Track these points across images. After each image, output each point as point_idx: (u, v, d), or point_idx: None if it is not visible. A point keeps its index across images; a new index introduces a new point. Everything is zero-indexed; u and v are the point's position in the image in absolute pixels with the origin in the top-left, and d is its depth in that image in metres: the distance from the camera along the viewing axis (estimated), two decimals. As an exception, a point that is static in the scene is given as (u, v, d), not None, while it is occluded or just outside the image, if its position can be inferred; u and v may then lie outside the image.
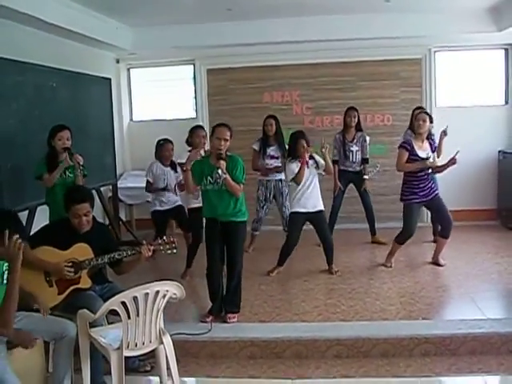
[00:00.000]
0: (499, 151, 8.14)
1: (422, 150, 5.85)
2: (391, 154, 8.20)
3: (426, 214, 8.23)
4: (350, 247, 7.07)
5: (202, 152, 5.54)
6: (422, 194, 5.83)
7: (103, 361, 3.76)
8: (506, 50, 8.30)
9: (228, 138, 4.64)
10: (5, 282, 3.48)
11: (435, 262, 6.11)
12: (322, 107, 8.42)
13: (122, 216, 8.39)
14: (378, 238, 7.25)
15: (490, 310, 4.70)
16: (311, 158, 5.85)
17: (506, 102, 8.35)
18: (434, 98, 8.29)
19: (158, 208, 6.50)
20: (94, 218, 4.11)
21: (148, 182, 6.54)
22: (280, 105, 8.51)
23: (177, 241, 4.12)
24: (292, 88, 8.48)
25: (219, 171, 4.55)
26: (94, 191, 6.86)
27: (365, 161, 7.09)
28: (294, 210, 5.93)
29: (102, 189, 7.40)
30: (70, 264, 3.87)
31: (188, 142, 6.04)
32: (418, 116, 5.95)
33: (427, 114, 6.09)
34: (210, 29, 7.68)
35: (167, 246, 4.07)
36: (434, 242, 7.02)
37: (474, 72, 8.31)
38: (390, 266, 6.10)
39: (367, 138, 7.08)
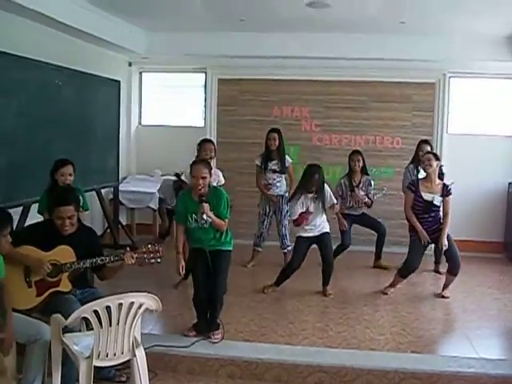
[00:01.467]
0: (510, 183, 7.94)
1: (430, 191, 5.70)
2: (399, 177, 8.06)
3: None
4: (349, 270, 6.89)
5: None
6: (427, 231, 5.69)
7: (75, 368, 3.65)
8: (522, 80, 8.13)
9: (206, 175, 4.47)
10: None
11: (440, 295, 5.92)
12: (332, 125, 8.29)
13: (123, 219, 8.32)
14: (381, 262, 7.08)
15: (484, 349, 4.49)
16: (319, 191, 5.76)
17: (519, 134, 8.18)
18: (446, 123, 8.12)
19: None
20: (79, 220, 4.03)
21: None
22: (289, 120, 8.39)
23: (162, 250, 4.01)
24: (302, 104, 8.36)
25: (204, 216, 4.46)
26: (93, 192, 6.84)
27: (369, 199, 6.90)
28: (298, 234, 5.86)
29: (102, 191, 7.33)
30: (51, 266, 3.78)
31: (198, 155, 5.97)
32: (423, 158, 5.85)
33: (433, 153, 5.97)
34: (223, 38, 7.65)
35: (151, 255, 3.94)
36: (435, 271, 6.86)
37: (488, 100, 8.13)
38: (387, 294, 5.94)
39: (372, 183, 6.92)
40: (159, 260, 4.01)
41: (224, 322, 4.86)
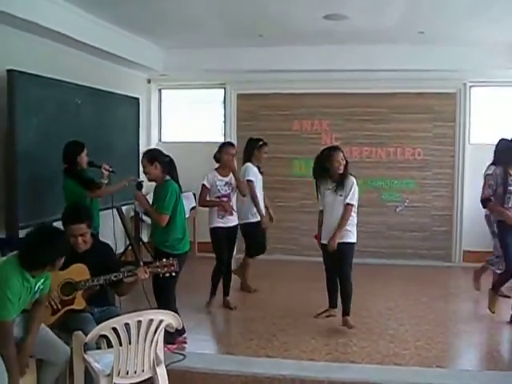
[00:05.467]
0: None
1: None
2: (421, 189, 8.00)
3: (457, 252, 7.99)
4: (370, 284, 6.78)
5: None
6: None
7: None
8: (544, 87, 7.99)
9: (145, 165, 4.71)
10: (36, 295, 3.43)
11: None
12: (352, 138, 8.22)
13: (144, 237, 8.31)
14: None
15: (512, 363, 4.40)
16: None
17: (542, 141, 8.01)
18: (468, 134, 8.00)
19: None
20: (94, 236, 4.07)
21: None
22: (309, 133, 8.37)
23: (176, 264, 3.97)
24: (322, 117, 8.32)
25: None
26: (114, 210, 6.85)
27: None
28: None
29: (124, 208, 7.35)
30: (66, 284, 3.79)
31: (215, 158, 5.96)
32: None
33: None
34: (242, 53, 7.69)
35: (165, 269, 3.93)
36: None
37: (511, 109, 7.98)
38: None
39: None
40: (174, 274, 4.00)
41: (246, 337, 4.88)
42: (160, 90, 8.96)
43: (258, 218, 6.22)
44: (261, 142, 6.48)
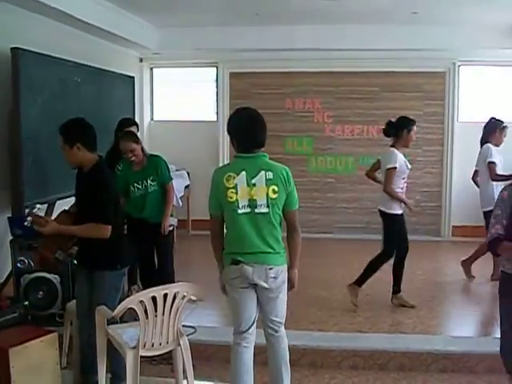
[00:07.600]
0: (522, 169, 8.01)
1: None
2: (412, 166, 8.13)
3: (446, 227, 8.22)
4: (364, 258, 6.94)
5: None
6: None
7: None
8: (532, 66, 8.20)
9: (133, 147, 4.82)
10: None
11: None
12: (344, 116, 8.35)
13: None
14: None
15: None
16: None
17: (530, 120, 8.24)
18: (457, 112, 8.20)
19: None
20: (99, 160, 3.75)
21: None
22: (301, 112, 8.46)
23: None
24: (314, 95, 8.42)
25: None
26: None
27: None
28: None
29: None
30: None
31: (390, 132, 5.46)
32: None
33: None
34: (235, 32, 7.70)
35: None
36: None
37: (499, 88, 8.18)
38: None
39: None
40: None
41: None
42: (152, 69, 8.94)
43: None
44: (504, 124, 6.10)
